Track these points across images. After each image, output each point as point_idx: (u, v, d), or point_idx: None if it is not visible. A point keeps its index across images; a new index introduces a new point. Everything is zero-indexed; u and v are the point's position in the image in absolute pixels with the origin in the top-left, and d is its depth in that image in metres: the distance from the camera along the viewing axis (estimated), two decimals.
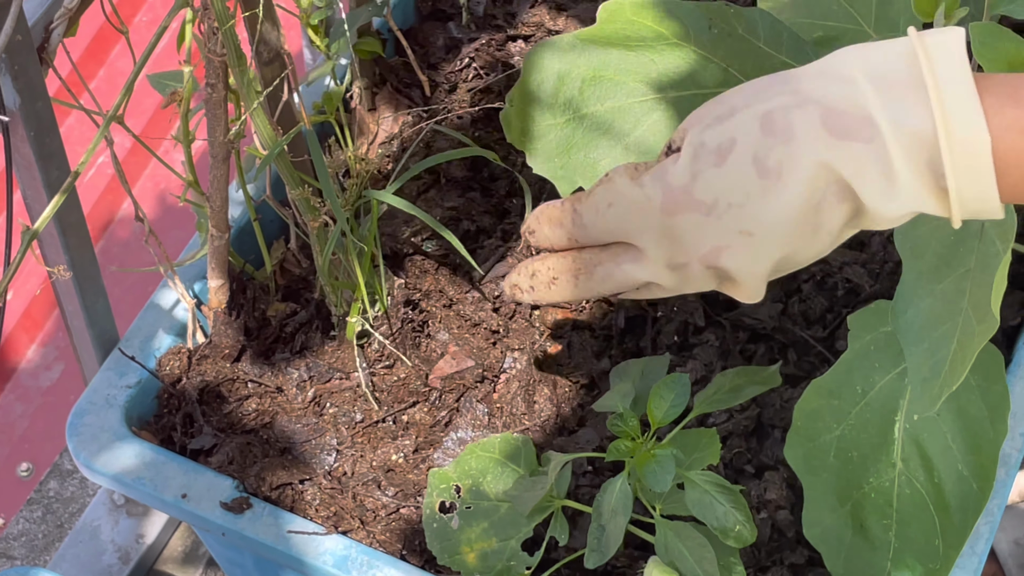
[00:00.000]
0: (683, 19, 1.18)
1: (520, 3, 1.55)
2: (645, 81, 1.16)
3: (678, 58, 1.16)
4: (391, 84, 1.48)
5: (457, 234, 1.35)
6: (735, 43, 1.19)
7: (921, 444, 1.09)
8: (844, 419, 1.11)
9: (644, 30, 1.17)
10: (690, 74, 1.16)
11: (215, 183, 1.21)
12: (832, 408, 1.11)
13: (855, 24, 1.27)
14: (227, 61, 1.11)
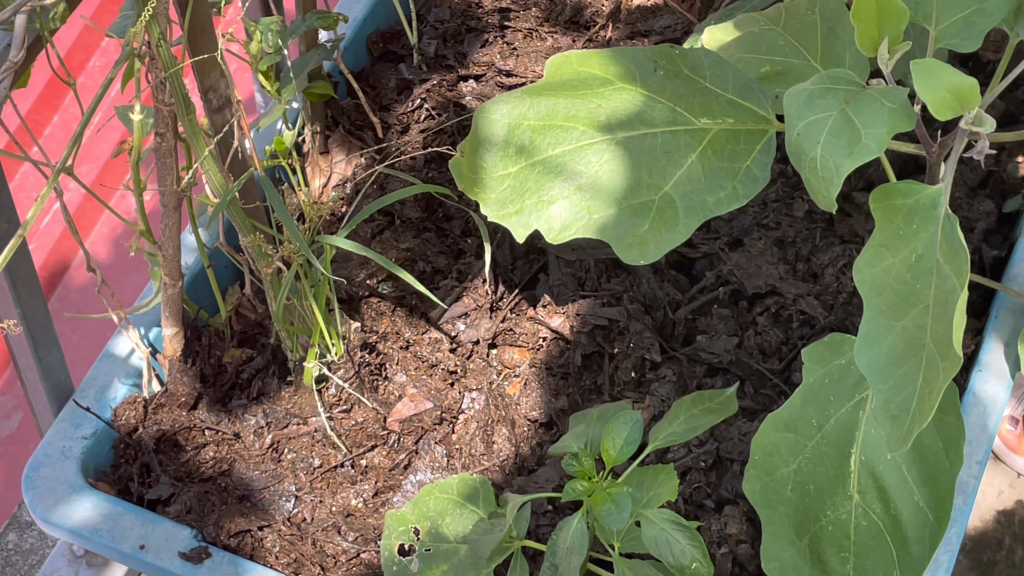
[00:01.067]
0: (629, 63, 1.20)
1: (471, 43, 1.56)
2: (594, 125, 1.17)
3: (626, 101, 1.18)
4: (343, 127, 1.48)
5: (413, 275, 1.35)
6: (681, 83, 1.20)
7: (877, 476, 1.10)
8: (800, 452, 1.11)
9: (591, 78, 1.19)
10: (638, 114, 1.17)
11: (167, 232, 1.21)
12: (788, 442, 1.12)
13: (802, 59, 1.28)
14: (175, 110, 1.11)
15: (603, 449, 1.05)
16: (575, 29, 1.58)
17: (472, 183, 1.18)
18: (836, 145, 1.06)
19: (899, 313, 1.04)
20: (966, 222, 1.41)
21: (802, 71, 1.27)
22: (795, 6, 1.31)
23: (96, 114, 1.88)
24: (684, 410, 1.11)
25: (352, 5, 1.55)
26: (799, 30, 1.29)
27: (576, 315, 1.34)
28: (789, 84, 1.26)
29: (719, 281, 1.36)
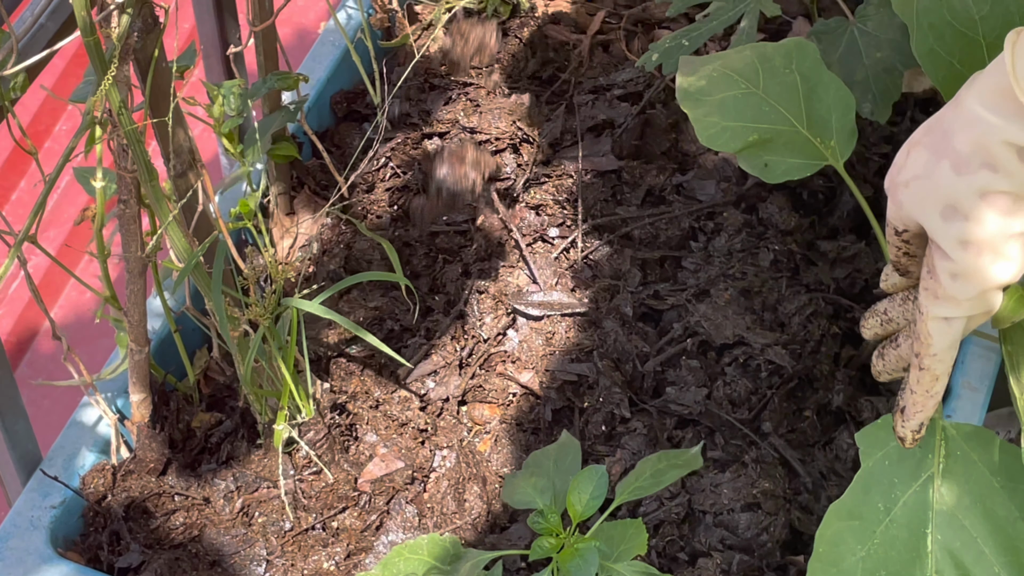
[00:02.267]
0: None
1: (434, 101, 1.57)
2: None
3: None
4: (308, 187, 1.49)
5: (381, 334, 1.35)
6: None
7: (955, 554, 1.05)
8: (869, 539, 1.06)
9: None
10: None
11: (132, 297, 1.21)
12: (854, 529, 1.07)
13: (788, 124, 1.27)
14: (138, 177, 1.11)
15: (569, 504, 1.05)
16: (537, 84, 1.59)
17: None
18: None
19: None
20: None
21: (790, 138, 1.25)
22: (770, 62, 1.28)
23: (63, 179, 1.88)
24: (650, 466, 1.11)
25: (315, 66, 1.55)
26: (780, 92, 1.28)
27: (545, 371, 1.34)
28: (778, 152, 1.26)
29: (687, 332, 1.37)
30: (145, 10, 1.10)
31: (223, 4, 1.38)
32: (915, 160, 0.92)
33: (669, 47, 1.47)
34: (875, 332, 1.07)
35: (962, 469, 1.05)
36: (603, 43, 1.65)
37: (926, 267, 0.94)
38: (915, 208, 0.92)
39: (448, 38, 1.62)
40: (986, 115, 0.84)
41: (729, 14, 1.46)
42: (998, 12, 1.16)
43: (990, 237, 0.87)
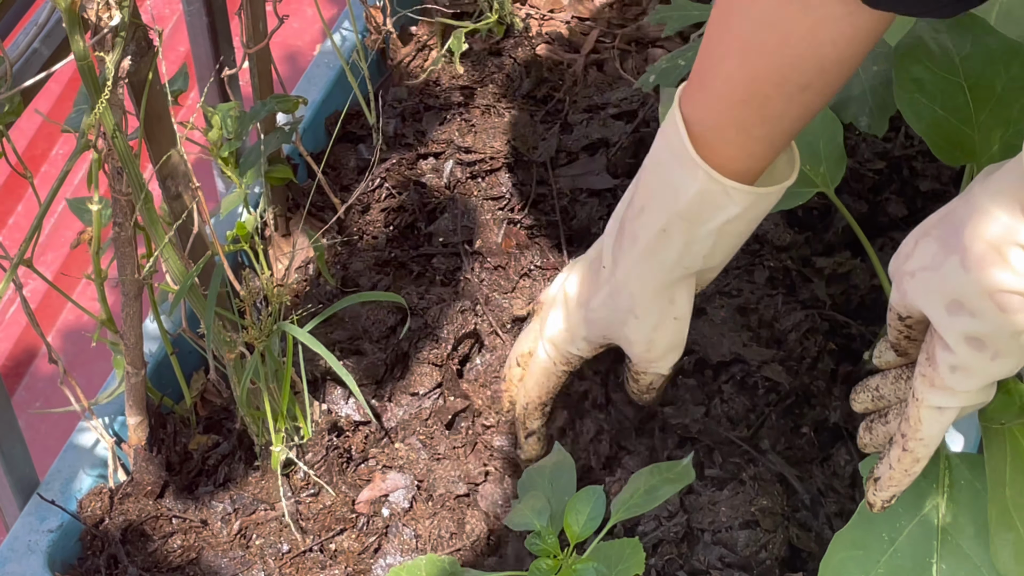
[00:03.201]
0: None
1: (429, 121, 1.57)
2: None
3: None
4: (304, 208, 1.49)
5: (388, 347, 1.35)
6: None
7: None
8: (873, 569, 1.06)
9: None
10: None
11: (128, 320, 1.21)
12: (858, 559, 1.06)
13: None
14: (133, 200, 1.11)
15: (566, 525, 1.04)
16: (532, 104, 1.59)
17: None
18: None
19: None
20: None
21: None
22: None
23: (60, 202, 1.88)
24: (643, 481, 1.11)
25: (310, 88, 1.56)
26: None
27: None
28: None
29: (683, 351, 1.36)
30: (139, 34, 1.10)
31: (217, 27, 1.38)
32: (923, 251, 0.91)
33: (666, 68, 1.48)
34: (865, 407, 1.07)
35: (967, 498, 1.05)
36: (597, 62, 1.65)
37: (925, 353, 0.94)
38: (920, 299, 0.92)
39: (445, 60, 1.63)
40: (998, 212, 0.84)
41: None
42: (979, 52, 1.16)
43: (994, 335, 0.87)
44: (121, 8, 1.00)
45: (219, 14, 1.37)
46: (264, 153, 1.36)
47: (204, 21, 1.37)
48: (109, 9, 1.00)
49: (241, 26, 1.32)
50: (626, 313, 1.15)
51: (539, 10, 1.72)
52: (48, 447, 1.41)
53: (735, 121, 1.00)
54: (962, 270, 0.87)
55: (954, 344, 0.90)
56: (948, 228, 0.90)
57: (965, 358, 0.90)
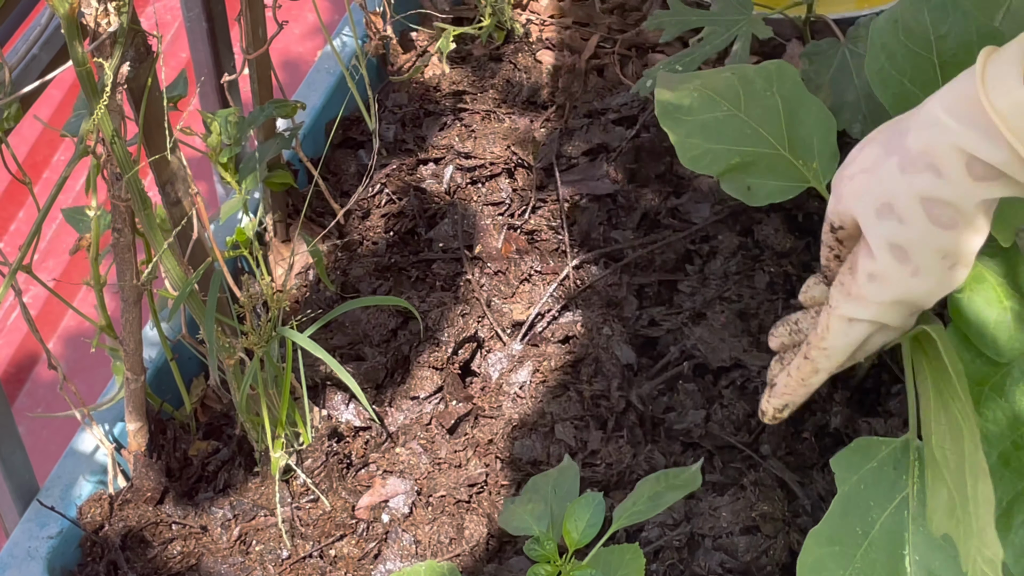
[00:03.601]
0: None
1: (429, 127, 1.57)
2: None
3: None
4: (305, 214, 1.49)
5: (384, 356, 1.35)
6: None
7: (934, 574, 1.06)
8: (850, 563, 1.06)
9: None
10: None
11: (127, 326, 1.21)
12: (834, 555, 1.06)
13: (769, 147, 1.27)
14: (132, 206, 1.11)
15: (565, 532, 1.04)
16: (532, 109, 1.59)
17: None
18: None
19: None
20: None
21: (772, 161, 1.25)
22: (751, 85, 1.29)
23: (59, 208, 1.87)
24: (648, 488, 1.11)
25: (310, 94, 1.56)
26: (761, 115, 1.28)
27: (543, 394, 1.33)
28: (760, 175, 1.25)
29: (683, 356, 1.36)
30: (138, 40, 1.10)
31: (217, 33, 1.38)
32: (866, 154, 0.91)
33: (664, 72, 1.47)
34: (782, 342, 1.06)
35: None
36: (597, 67, 1.65)
37: (848, 264, 0.93)
38: (853, 201, 0.91)
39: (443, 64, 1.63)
40: (945, 118, 0.83)
41: (722, 37, 1.47)
42: (957, 31, 1.17)
43: (918, 246, 0.87)
44: (120, 14, 1.00)
45: (219, 20, 1.37)
46: (263, 159, 1.36)
47: (204, 27, 1.37)
48: (108, 15, 1.00)
49: (241, 32, 1.32)
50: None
51: (539, 16, 1.72)
52: (50, 453, 1.41)
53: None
54: (898, 172, 0.86)
55: (878, 250, 0.88)
56: (894, 132, 0.89)
57: (886, 266, 0.88)
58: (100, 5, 0.99)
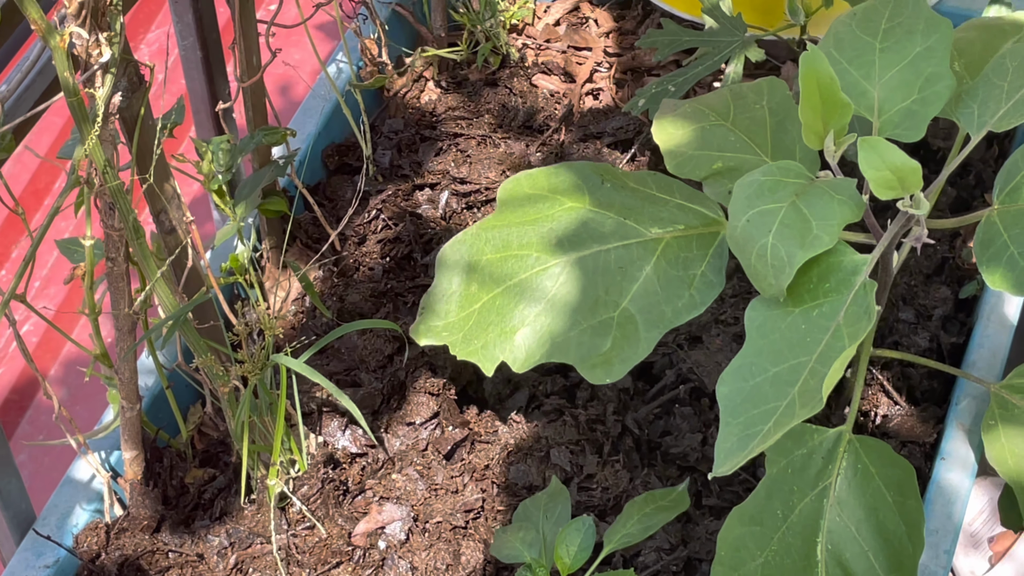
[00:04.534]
0: (576, 179, 1.21)
1: (425, 152, 1.57)
2: (548, 249, 1.18)
3: (576, 219, 1.20)
4: (301, 240, 1.49)
5: (384, 378, 1.35)
6: (629, 195, 1.21)
7: (844, 564, 1.09)
8: (767, 545, 1.10)
9: (540, 198, 1.21)
10: (589, 232, 1.20)
11: (122, 355, 1.21)
12: (755, 535, 1.10)
13: (752, 153, 1.29)
14: (125, 236, 1.11)
15: (557, 557, 1.04)
16: (528, 134, 1.59)
17: (439, 329, 1.19)
18: (788, 235, 1.08)
19: (777, 359, 1.06)
20: (923, 309, 1.41)
21: (754, 166, 1.28)
22: (743, 99, 1.32)
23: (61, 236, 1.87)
24: (637, 510, 1.11)
25: (306, 120, 1.56)
26: (748, 125, 1.31)
27: (538, 418, 1.33)
28: None
29: (679, 379, 1.36)
30: (130, 69, 1.10)
31: (211, 61, 1.39)
32: None
33: (655, 92, 1.49)
34: None
35: (860, 482, 1.09)
36: (593, 91, 1.65)
37: None
38: None
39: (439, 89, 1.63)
40: None
41: (715, 59, 1.48)
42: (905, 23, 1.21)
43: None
44: (111, 44, 1.00)
45: (213, 48, 1.38)
46: (257, 186, 1.37)
47: (198, 55, 1.37)
48: (99, 46, 1.00)
49: (235, 60, 1.32)
50: None
51: (535, 40, 1.72)
52: (49, 482, 1.41)
53: None
54: None
55: None
56: None
57: None
58: (91, 36, 0.99)
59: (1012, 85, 1.14)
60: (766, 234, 1.09)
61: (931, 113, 1.19)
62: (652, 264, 1.18)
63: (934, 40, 1.20)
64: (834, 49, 1.23)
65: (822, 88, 1.13)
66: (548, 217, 1.20)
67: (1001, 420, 1.23)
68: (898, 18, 1.23)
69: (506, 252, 1.19)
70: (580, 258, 1.18)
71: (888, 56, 1.21)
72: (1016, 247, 1.08)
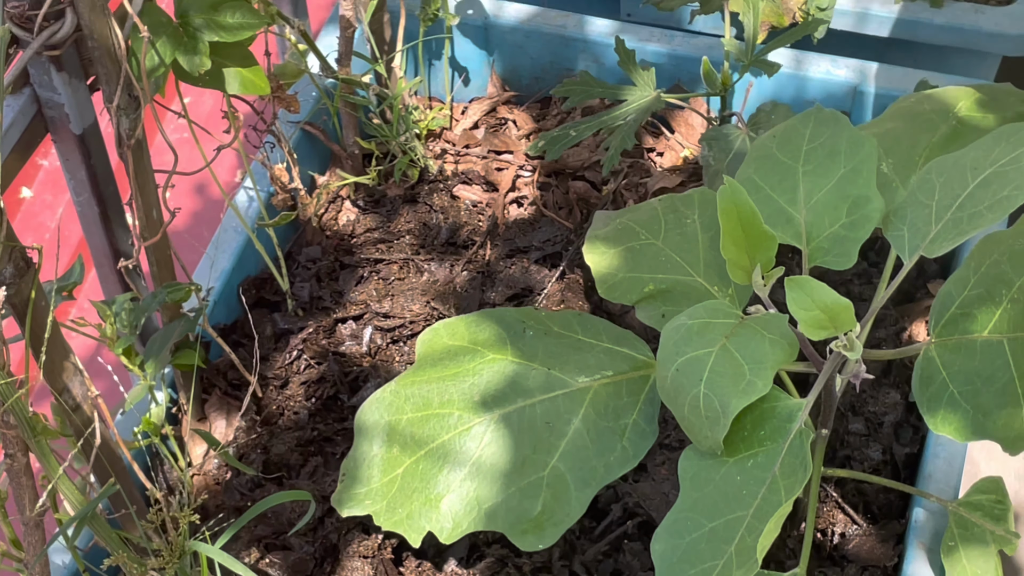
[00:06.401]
0: (498, 327, 1.16)
1: (345, 281, 1.50)
2: (470, 406, 1.12)
3: (498, 372, 1.14)
4: (220, 388, 1.41)
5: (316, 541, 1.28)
6: (553, 341, 1.16)
7: None
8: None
9: (461, 351, 1.15)
10: (513, 385, 1.13)
11: (30, 549, 1.13)
12: None
13: (685, 274, 1.24)
14: (21, 435, 1.04)
15: None
16: (452, 252, 1.53)
17: (362, 497, 1.13)
18: (721, 383, 1.03)
19: (713, 514, 1.02)
20: (873, 416, 1.36)
21: (687, 288, 1.23)
22: (674, 212, 1.28)
23: None
24: None
25: (219, 255, 1.49)
26: (680, 242, 1.26)
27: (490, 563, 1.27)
28: (675, 302, 1.23)
29: (626, 514, 1.30)
30: (15, 255, 1.04)
31: (110, 216, 1.31)
32: None
33: (556, 135, 1.49)
34: None
35: None
36: (517, 199, 1.59)
37: None
38: None
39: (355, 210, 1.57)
40: None
41: (621, 110, 1.47)
42: (828, 144, 1.18)
43: None
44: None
45: (111, 202, 1.30)
46: (166, 343, 1.29)
47: (95, 211, 1.30)
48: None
49: (132, 218, 1.26)
50: None
51: (454, 145, 1.66)
52: None
53: None
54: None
55: None
56: None
57: None
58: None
59: (940, 205, 1.09)
60: (697, 383, 1.04)
61: (862, 237, 1.14)
62: (580, 416, 1.12)
63: (858, 160, 1.16)
64: (755, 174, 1.19)
65: (744, 222, 1.08)
66: (469, 371, 1.14)
67: (961, 540, 1.18)
68: (819, 139, 1.18)
69: (427, 411, 1.13)
70: (504, 415, 1.12)
71: (812, 179, 1.17)
72: (956, 386, 1.03)
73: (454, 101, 1.73)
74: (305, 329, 1.45)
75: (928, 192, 1.11)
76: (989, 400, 1.00)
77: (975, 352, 1.03)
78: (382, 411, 1.14)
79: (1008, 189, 1.05)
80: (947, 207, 1.09)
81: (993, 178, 1.07)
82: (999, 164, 1.07)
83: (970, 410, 1.01)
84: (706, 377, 1.04)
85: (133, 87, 1.20)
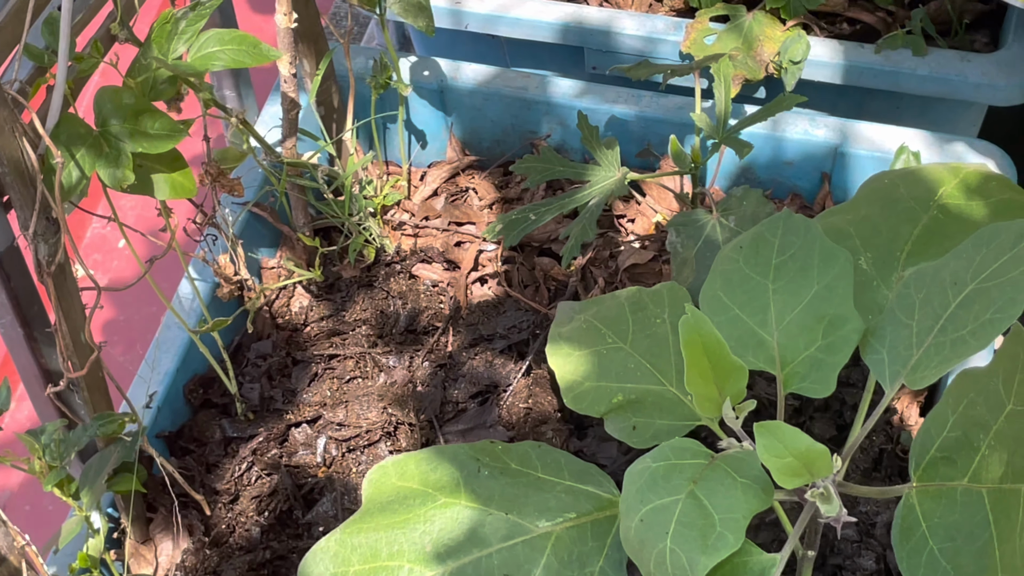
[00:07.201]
0: (451, 467, 1.07)
1: (298, 378, 1.41)
2: (421, 558, 1.03)
3: (452, 519, 1.05)
4: (164, 507, 1.33)
5: None
6: (510, 481, 1.07)
7: None
8: None
9: (411, 494, 1.06)
10: (468, 534, 1.04)
11: None
12: None
13: (656, 383, 1.16)
14: None
15: None
16: (412, 342, 1.43)
17: None
18: (688, 536, 0.95)
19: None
20: (865, 518, 1.28)
21: (658, 398, 1.15)
22: (643, 311, 1.20)
23: None
24: None
25: (162, 356, 1.40)
26: (649, 345, 1.18)
27: None
28: (646, 413, 1.15)
29: None
30: None
31: (36, 337, 1.22)
32: None
33: (514, 219, 1.42)
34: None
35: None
36: (480, 278, 1.50)
37: None
38: None
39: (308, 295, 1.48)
40: None
41: (582, 192, 1.38)
42: (800, 256, 1.09)
43: None
44: None
45: (37, 323, 1.21)
46: (103, 471, 1.21)
47: (20, 333, 1.21)
48: None
49: (58, 348, 1.17)
50: None
51: (413, 216, 1.57)
52: None
53: None
54: None
55: None
56: None
57: None
58: None
59: (920, 326, 1.00)
60: (663, 536, 0.95)
61: (840, 362, 1.05)
62: (542, 566, 1.03)
63: (832, 277, 1.07)
64: (722, 291, 1.10)
65: (710, 353, 0.99)
66: (420, 517, 1.05)
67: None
68: (790, 250, 1.09)
69: (375, 563, 1.04)
70: (459, 568, 1.03)
71: (783, 297, 1.08)
72: (936, 542, 0.94)
73: (412, 166, 1.63)
74: (256, 438, 1.36)
75: (907, 310, 1.02)
76: (969, 562, 0.92)
77: (955, 503, 0.95)
78: (327, 563, 1.05)
79: (991, 312, 0.96)
80: (928, 328, 1.00)
81: (975, 296, 0.98)
82: (980, 278, 0.98)
83: (951, 571, 0.92)
84: (672, 530, 0.95)
85: (51, 208, 1.11)
